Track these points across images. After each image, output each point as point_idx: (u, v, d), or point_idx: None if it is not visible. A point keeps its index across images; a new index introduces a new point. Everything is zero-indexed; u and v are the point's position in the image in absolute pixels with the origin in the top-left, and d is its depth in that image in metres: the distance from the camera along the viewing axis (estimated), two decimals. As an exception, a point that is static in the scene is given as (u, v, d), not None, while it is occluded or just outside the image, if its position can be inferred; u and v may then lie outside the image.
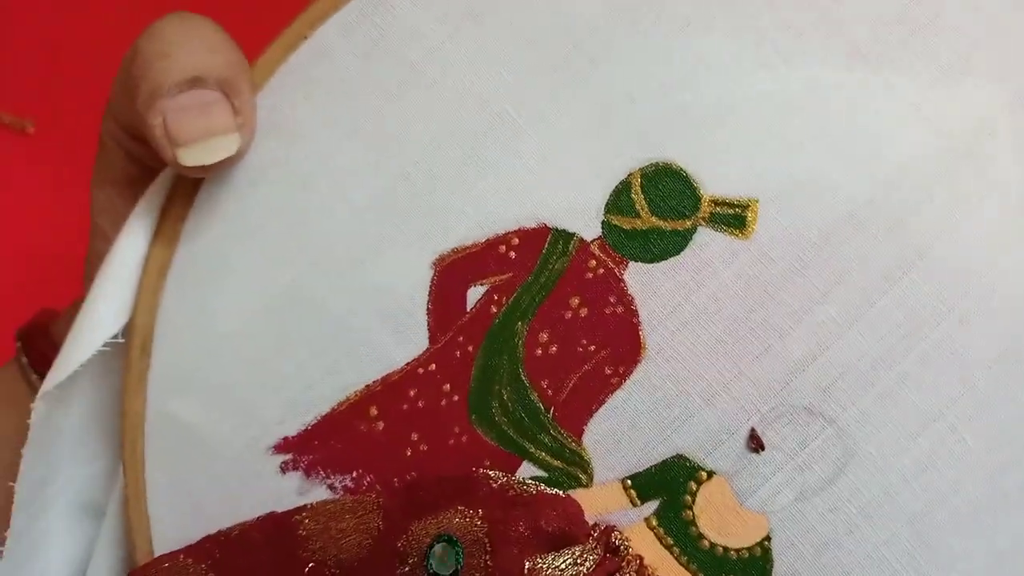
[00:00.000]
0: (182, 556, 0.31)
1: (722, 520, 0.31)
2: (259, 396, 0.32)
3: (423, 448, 0.32)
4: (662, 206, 0.31)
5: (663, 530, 0.31)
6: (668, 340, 0.31)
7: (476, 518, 0.30)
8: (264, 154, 0.32)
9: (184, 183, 0.33)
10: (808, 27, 0.31)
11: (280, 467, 0.32)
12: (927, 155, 0.30)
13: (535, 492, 0.31)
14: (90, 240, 0.36)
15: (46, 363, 0.34)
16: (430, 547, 0.29)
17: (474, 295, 0.32)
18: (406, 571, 0.30)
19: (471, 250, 0.32)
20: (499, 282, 0.32)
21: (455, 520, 0.30)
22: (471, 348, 0.32)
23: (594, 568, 0.30)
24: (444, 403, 0.32)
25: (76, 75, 0.61)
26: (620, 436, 0.31)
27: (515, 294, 0.32)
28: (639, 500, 0.31)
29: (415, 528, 0.30)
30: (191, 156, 0.31)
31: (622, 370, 0.31)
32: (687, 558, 0.31)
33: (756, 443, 0.31)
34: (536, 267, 0.31)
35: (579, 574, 0.29)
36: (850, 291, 0.30)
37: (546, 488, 0.31)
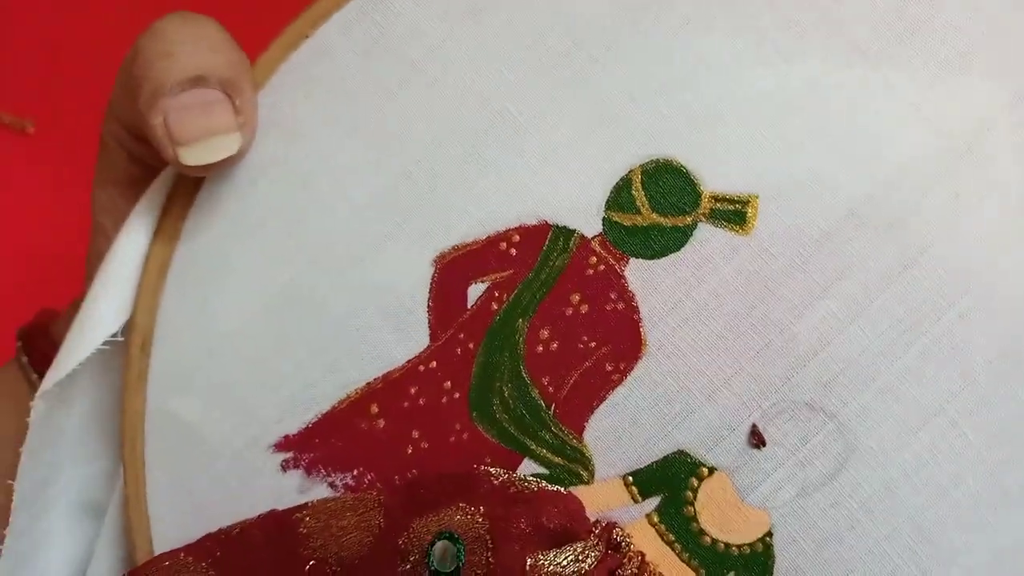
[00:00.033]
0: (183, 554, 0.31)
1: (723, 516, 0.31)
2: (259, 394, 0.32)
3: (424, 446, 0.32)
4: (663, 202, 0.31)
5: (664, 526, 0.31)
6: (669, 336, 0.31)
7: (477, 515, 0.30)
8: (265, 153, 0.33)
9: (185, 182, 0.33)
10: (809, 26, 0.31)
11: (281, 465, 0.32)
12: (927, 154, 0.30)
13: (536, 489, 0.31)
14: (91, 239, 0.36)
15: (46, 363, 0.34)
16: (431, 544, 0.29)
17: (475, 292, 0.32)
18: (407, 569, 0.30)
19: (472, 247, 0.32)
20: (500, 279, 0.32)
21: (456, 517, 0.30)
22: (472, 345, 0.32)
23: (595, 565, 0.30)
24: (445, 400, 0.32)
25: (76, 75, 0.61)
26: (621, 432, 0.31)
27: (516, 291, 0.32)
28: (640, 496, 0.31)
29: (416, 525, 0.30)
30: (192, 155, 0.31)
31: (623, 366, 0.31)
32: (688, 554, 0.31)
33: (757, 439, 0.31)
34: (537, 264, 0.31)
35: (580, 571, 0.29)
36: (851, 286, 0.30)
37: (547, 485, 0.31)
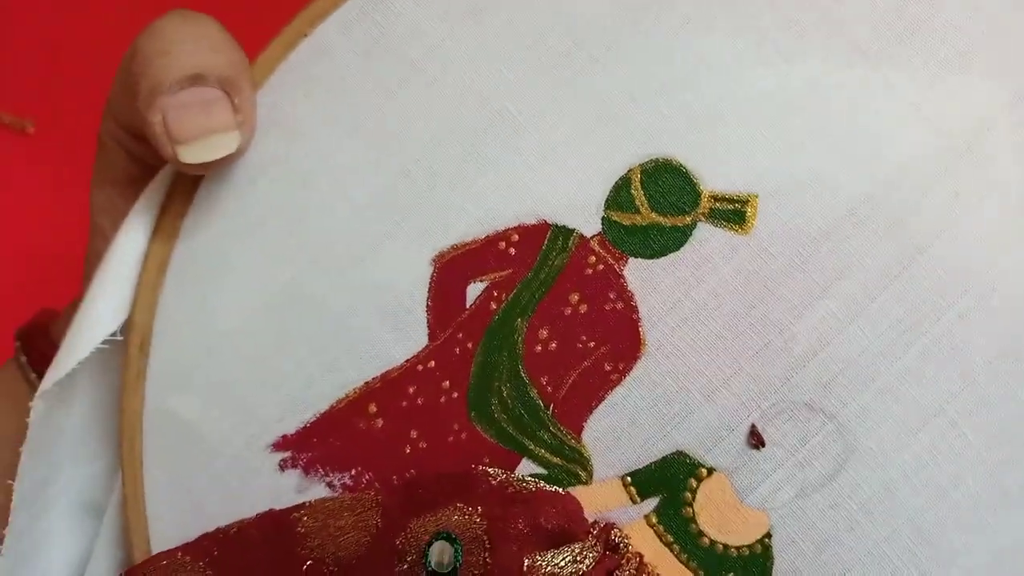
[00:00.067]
0: (180, 554, 0.31)
1: (722, 517, 0.31)
2: (258, 393, 0.32)
3: (422, 445, 0.32)
4: (662, 202, 0.31)
5: (663, 527, 0.31)
6: (668, 336, 0.31)
7: (475, 515, 0.30)
8: (264, 152, 0.33)
9: (184, 180, 0.33)
10: (809, 26, 0.31)
11: (279, 465, 0.32)
12: (927, 154, 0.30)
13: (534, 489, 0.30)
14: (90, 239, 0.36)
15: (46, 363, 0.34)
16: (429, 544, 0.29)
17: (474, 292, 0.32)
18: (404, 569, 0.30)
19: (471, 247, 0.32)
20: (499, 278, 0.32)
21: (454, 517, 0.30)
22: (470, 345, 0.32)
23: (593, 566, 0.29)
24: (443, 400, 0.32)
25: (76, 75, 0.61)
26: (620, 433, 0.31)
27: (515, 290, 0.31)
28: (639, 497, 0.31)
29: (414, 526, 0.30)
30: (191, 154, 0.31)
31: (622, 366, 0.31)
32: (687, 555, 0.31)
33: (756, 439, 0.30)
34: (536, 263, 0.31)
35: (578, 572, 0.29)
36: (850, 286, 0.30)
37: (545, 485, 0.31)
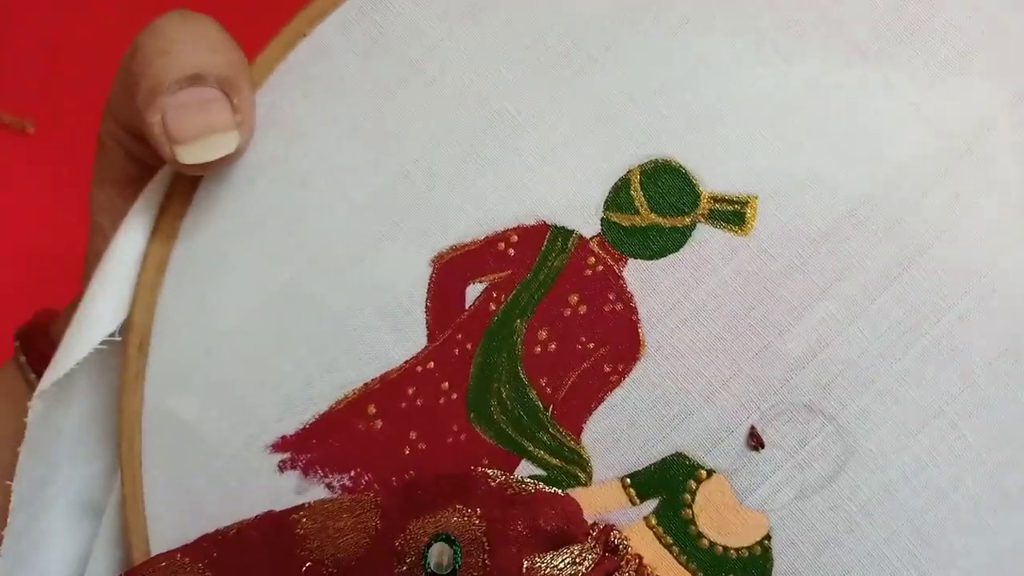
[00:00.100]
0: (179, 555, 0.31)
1: (722, 519, 0.31)
2: (257, 394, 0.32)
3: (421, 447, 0.32)
4: (661, 203, 0.31)
5: (662, 529, 0.31)
6: (667, 337, 0.31)
7: (474, 517, 0.30)
8: (263, 152, 0.32)
9: (183, 180, 0.33)
10: (808, 26, 0.31)
11: (278, 466, 0.32)
12: (927, 154, 0.30)
13: (533, 491, 0.30)
14: (89, 239, 0.36)
15: (45, 363, 0.34)
16: (428, 546, 0.29)
17: (473, 293, 0.32)
18: (404, 570, 0.29)
19: (470, 247, 0.32)
20: (498, 279, 0.32)
21: (453, 519, 0.30)
22: (470, 346, 0.32)
23: (593, 567, 0.29)
24: (443, 401, 0.32)
25: (76, 75, 0.61)
26: (619, 434, 0.31)
27: (514, 291, 0.31)
28: (638, 499, 0.31)
29: (413, 527, 0.30)
30: (190, 154, 0.31)
31: (621, 368, 0.31)
32: (686, 557, 0.31)
33: (756, 441, 0.30)
34: (535, 264, 0.31)
35: (578, 573, 0.29)
36: (850, 287, 0.30)
37: (545, 487, 0.31)
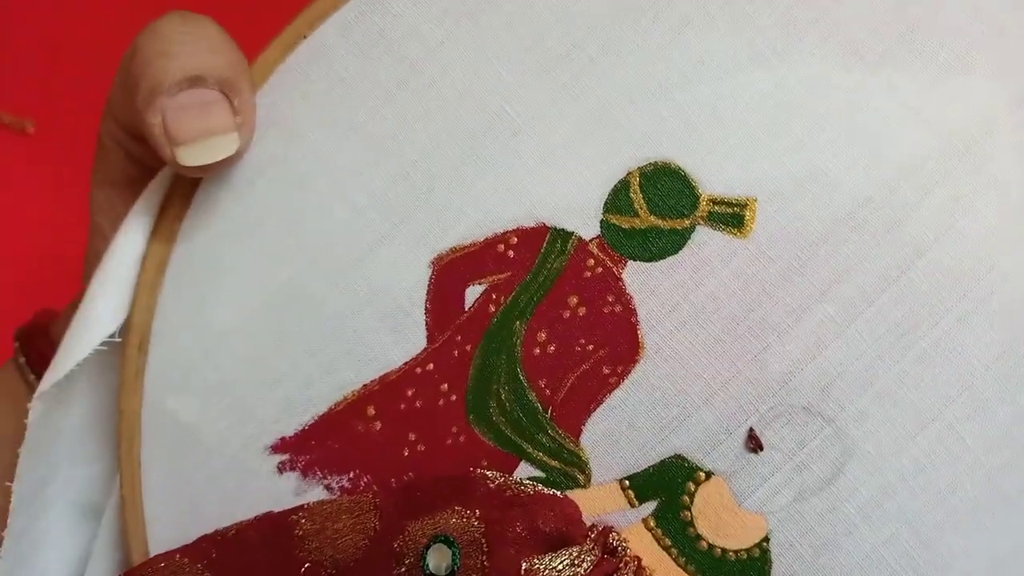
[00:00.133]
0: (178, 555, 0.31)
1: (720, 521, 0.30)
2: (257, 394, 0.32)
3: (420, 448, 0.32)
4: (660, 205, 0.31)
5: (661, 531, 0.31)
6: (666, 339, 0.31)
7: (473, 518, 0.30)
8: (263, 153, 0.32)
9: (182, 181, 0.33)
10: (807, 27, 0.30)
11: (277, 467, 0.32)
12: (926, 156, 0.30)
13: (532, 492, 0.30)
14: (89, 240, 0.36)
15: (45, 363, 0.34)
16: (426, 548, 0.29)
17: (472, 294, 0.32)
18: (402, 572, 0.29)
19: (469, 249, 0.32)
20: (497, 281, 0.32)
21: (452, 520, 0.30)
22: (469, 347, 0.32)
23: (591, 569, 0.29)
24: (442, 403, 0.32)
25: (76, 75, 0.61)
26: (618, 436, 0.31)
27: (513, 293, 0.31)
28: (637, 501, 0.31)
29: (412, 528, 0.30)
30: (190, 155, 0.31)
31: (620, 369, 0.31)
32: (685, 559, 0.31)
33: (754, 443, 0.30)
34: (534, 266, 0.31)
35: (576, 575, 0.29)
36: (849, 290, 0.30)
37: (543, 488, 0.31)
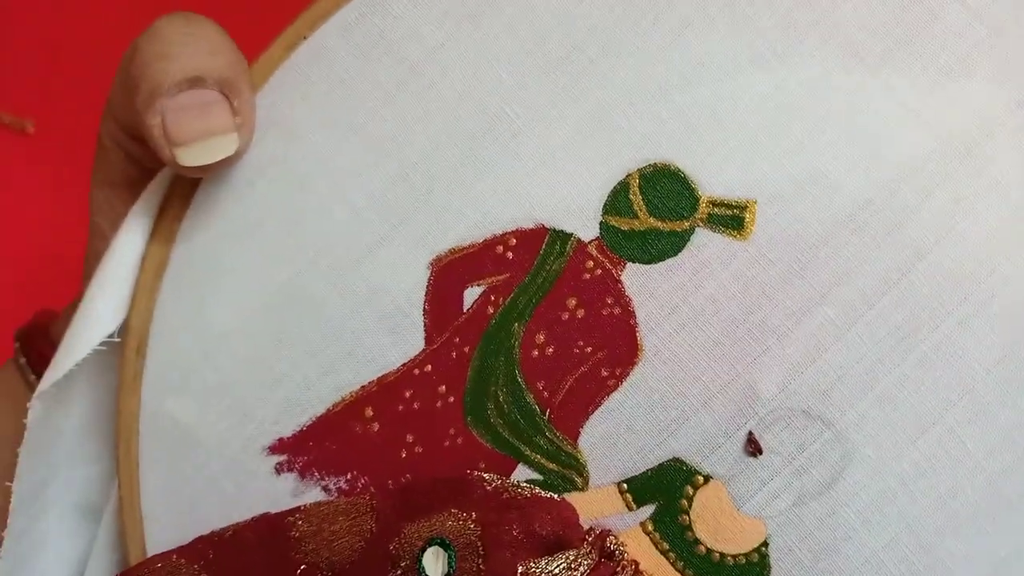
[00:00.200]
0: (175, 556, 0.31)
1: (719, 525, 0.30)
2: (255, 395, 0.32)
3: (418, 450, 0.32)
4: (660, 207, 0.31)
5: (659, 535, 0.31)
6: (665, 342, 0.30)
7: (469, 521, 0.30)
8: (262, 154, 0.32)
9: (182, 182, 0.33)
10: (808, 29, 0.30)
11: (275, 468, 0.32)
12: (927, 159, 0.30)
13: (529, 495, 0.30)
14: (89, 240, 0.36)
15: (45, 363, 0.34)
16: (422, 550, 0.29)
17: (471, 296, 0.32)
18: (398, 574, 0.29)
19: (468, 250, 0.32)
20: (496, 283, 0.32)
21: (448, 523, 0.30)
22: (467, 349, 0.31)
23: (588, 573, 0.29)
24: (439, 404, 0.32)
25: (76, 75, 0.61)
26: (616, 439, 0.31)
27: (512, 295, 0.31)
28: (635, 504, 0.31)
29: (408, 531, 0.30)
30: (189, 156, 0.31)
31: (619, 372, 0.31)
32: (683, 564, 0.31)
33: (754, 447, 0.30)
34: (533, 268, 0.31)
35: (573, 579, 0.29)
36: (849, 293, 0.30)
37: (541, 491, 0.31)
